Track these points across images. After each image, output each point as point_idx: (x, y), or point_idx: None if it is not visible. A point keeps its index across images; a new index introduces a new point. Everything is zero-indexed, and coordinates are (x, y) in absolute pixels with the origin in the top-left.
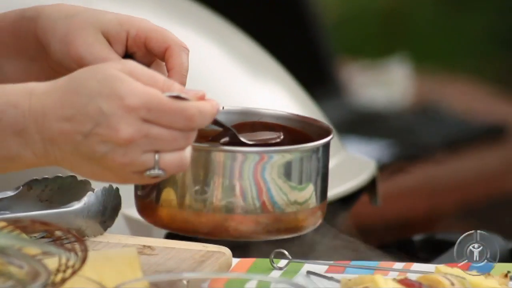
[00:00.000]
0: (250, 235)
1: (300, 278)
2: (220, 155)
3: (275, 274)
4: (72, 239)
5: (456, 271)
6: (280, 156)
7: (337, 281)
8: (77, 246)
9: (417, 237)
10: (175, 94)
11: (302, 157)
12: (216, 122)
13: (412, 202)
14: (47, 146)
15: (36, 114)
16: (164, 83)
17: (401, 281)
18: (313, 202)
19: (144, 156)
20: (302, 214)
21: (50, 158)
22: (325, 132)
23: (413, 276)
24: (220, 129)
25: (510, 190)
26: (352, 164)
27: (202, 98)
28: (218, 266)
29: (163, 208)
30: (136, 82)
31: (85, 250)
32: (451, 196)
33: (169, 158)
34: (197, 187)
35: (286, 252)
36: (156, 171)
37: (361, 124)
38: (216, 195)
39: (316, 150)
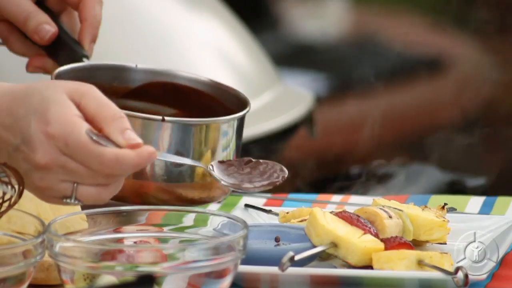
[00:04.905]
0: (163, 202)
1: (238, 211)
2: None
3: (214, 207)
4: (8, 172)
5: (393, 203)
6: (199, 127)
7: (275, 214)
8: (13, 179)
9: (355, 170)
10: (95, 138)
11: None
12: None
13: (349, 134)
14: None
15: None
16: (114, 115)
17: (339, 214)
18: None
19: (62, 184)
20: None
21: None
22: (241, 102)
23: (351, 209)
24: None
25: (446, 122)
26: (289, 97)
27: (134, 147)
28: None
29: None
30: (71, 110)
31: (22, 184)
32: (388, 128)
33: (87, 191)
34: None
35: None
36: (72, 201)
37: (298, 56)
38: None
39: (232, 122)
